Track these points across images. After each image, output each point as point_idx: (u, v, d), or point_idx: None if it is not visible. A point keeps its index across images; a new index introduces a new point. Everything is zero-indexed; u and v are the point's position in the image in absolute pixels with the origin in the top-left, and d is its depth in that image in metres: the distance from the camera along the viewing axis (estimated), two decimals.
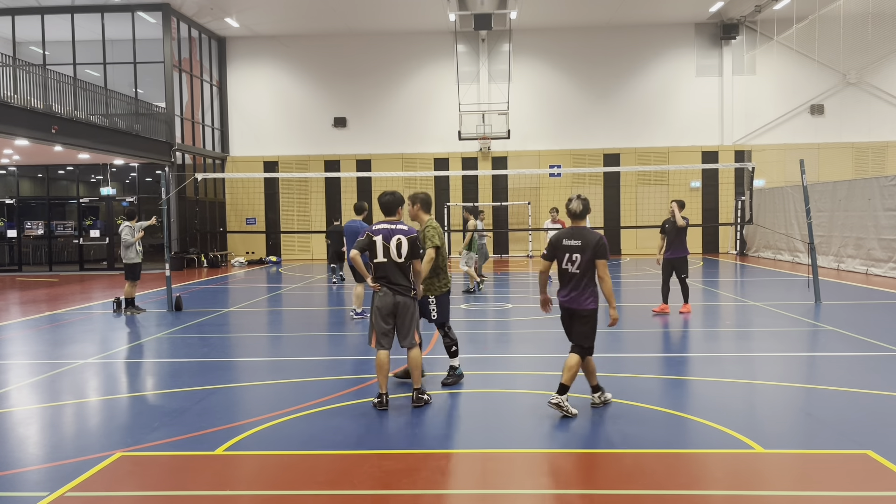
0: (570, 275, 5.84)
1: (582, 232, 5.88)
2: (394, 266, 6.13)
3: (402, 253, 6.11)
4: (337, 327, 11.42)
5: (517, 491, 4.45)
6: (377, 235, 6.14)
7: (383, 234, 6.13)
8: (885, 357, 7.98)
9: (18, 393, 7.14)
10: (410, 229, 6.27)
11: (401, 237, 6.13)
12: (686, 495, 4.30)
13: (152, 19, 24.00)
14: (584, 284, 5.83)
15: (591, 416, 5.92)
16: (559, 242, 5.90)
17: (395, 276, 6.14)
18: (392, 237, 6.12)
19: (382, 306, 6.17)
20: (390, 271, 6.13)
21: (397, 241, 6.11)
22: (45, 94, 18.57)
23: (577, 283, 5.83)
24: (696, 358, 8.18)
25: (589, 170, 19.24)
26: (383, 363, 6.19)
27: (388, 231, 6.15)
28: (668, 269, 11.60)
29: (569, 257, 5.82)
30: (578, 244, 5.79)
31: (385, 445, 5.24)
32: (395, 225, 6.21)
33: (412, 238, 6.17)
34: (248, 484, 4.63)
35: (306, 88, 28.15)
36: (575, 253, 5.79)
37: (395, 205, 6.33)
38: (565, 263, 5.86)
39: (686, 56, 27.40)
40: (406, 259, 6.14)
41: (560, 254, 5.88)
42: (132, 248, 12.78)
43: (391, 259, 6.11)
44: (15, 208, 25.04)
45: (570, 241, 5.83)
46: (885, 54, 26.27)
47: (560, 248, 5.88)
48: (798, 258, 21.51)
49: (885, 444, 5.02)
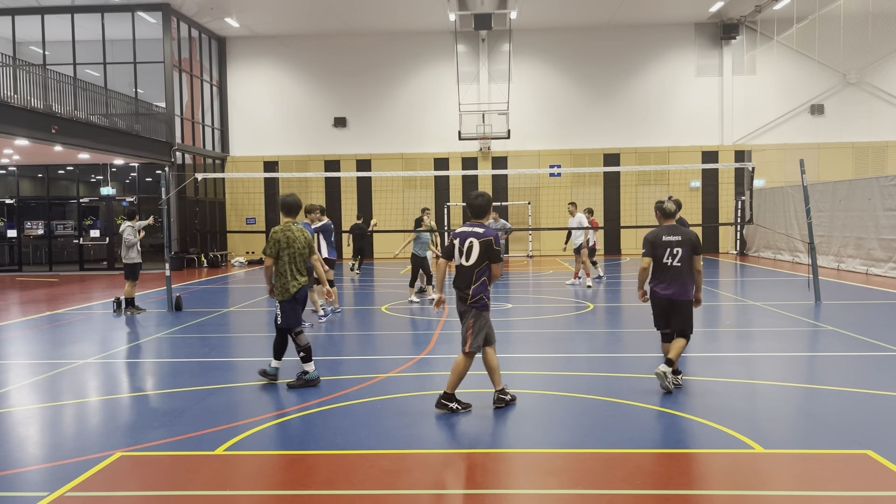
0: (671, 268, 6.35)
1: (678, 229, 6.46)
2: (461, 270, 5.96)
3: (471, 256, 5.87)
4: (337, 327, 11.42)
5: (517, 491, 4.45)
6: (456, 238, 6.01)
7: (460, 236, 5.98)
8: (885, 357, 7.98)
9: (18, 393, 7.14)
10: (488, 231, 5.94)
11: (472, 240, 5.89)
12: (686, 495, 4.30)
13: (152, 19, 24.00)
14: (684, 276, 6.36)
15: (591, 416, 5.93)
16: (658, 240, 6.39)
17: (459, 279, 5.97)
18: (466, 239, 5.92)
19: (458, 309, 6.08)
20: (458, 275, 5.98)
21: (468, 245, 5.89)
22: (45, 94, 18.56)
23: (678, 275, 6.35)
24: (696, 358, 8.18)
25: (589, 170, 19.26)
26: (491, 362, 6.06)
27: (464, 234, 5.96)
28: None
29: (670, 252, 6.33)
30: (679, 240, 6.35)
31: (385, 445, 5.24)
32: (473, 227, 5.97)
33: (485, 241, 5.86)
34: (248, 484, 4.63)
35: (306, 88, 28.15)
36: (676, 248, 6.33)
37: (484, 208, 6.05)
38: (666, 258, 6.34)
39: (686, 56, 27.40)
40: (475, 263, 5.87)
41: (660, 250, 6.36)
42: (133, 248, 12.80)
43: (460, 263, 5.95)
44: (15, 208, 25.04)
45: (669, 238, 6.37)
46: (885, 54, 26.27)
47: (660, 245, 6.37)
48: (798, 258, 21.51)
49: (885, 444, 5.02)
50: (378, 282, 18.70)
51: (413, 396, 6.64)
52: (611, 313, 12.14)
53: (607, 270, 20.07)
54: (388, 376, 7.42)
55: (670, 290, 6.35)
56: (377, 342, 10.01)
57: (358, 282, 18.69)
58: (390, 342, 9.86)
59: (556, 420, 5.80)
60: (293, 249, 6.90)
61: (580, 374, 7.42)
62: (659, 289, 6.42)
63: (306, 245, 7.03)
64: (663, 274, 6.40)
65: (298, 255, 6.95)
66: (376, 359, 8.52)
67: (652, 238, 6.44)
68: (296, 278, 6.92)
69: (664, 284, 6.39)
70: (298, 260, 6.96)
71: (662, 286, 6.40)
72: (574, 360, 8.26)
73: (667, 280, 6.37)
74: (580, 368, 7.78)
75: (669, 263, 6.33)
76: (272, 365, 7.12)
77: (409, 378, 7.39)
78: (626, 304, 13.47)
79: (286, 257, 6.89)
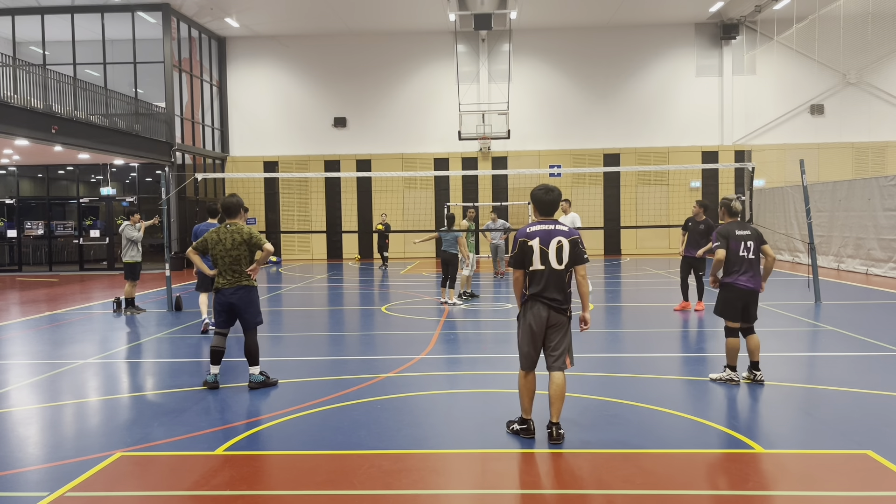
0: (748, 260, 6.68)
1: (747, 224, 6.92)
2: (551, 275, 5.21)
3: (563, 258, 5.22)
4: (337, 327, 11.43)
5: (517, 491, 4.45)
6: (533, 239, 5.23)
7: (540, 236, 5.24)
8: (885, 357, 7.98)
9: (18, 393, 7.14)
10: (571, 229, 5.36)
11: (561, 238, 5.23)
12: (686, 495, 4.30)
13: (152, 19, 24.00)
14: (757, 268, 6.73)
15: (591, 416, 5.93)
16: (732, 233, 6.73)
17: (550, 288, 5.21)
18: (552, 239, 5.23)
19: (536, 322, 5.27)
20: (547, 282, 5.21)
21: (558, 244, 5.22)
22: (45, 94, 18.57)
23: (753, 266, 6.70)
24: (696, 358, 8.18)
25: (589, 170, 19.22)
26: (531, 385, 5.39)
27: (545, 232, 5.25)
28: (686, 267, 11.85)
29: (744, 245, 6.68)
30: (749, 234, 6.73)
31: (385, 445, 5.24)
32: (553, 225, 5.31)
33: (573, 240, 5.26)
34: (248, 484, 4.63)
35: (306, 88, 28.15)
36: (749, 241, 6.70)
37: (557, 203, 5.45)
38: (742, 251, 6.67)
39: (686, 56, 27.41)
40: (567, 266, 5.24)
41: (735, 243, 6.70)
42: (135, 246, 12.78)
43: (549, 266, 5.21)
44: (15, 208, 25.04)
45: (741, 232, 6.73)
46: (885, 54, 26.27)
47: (734, 238, 6.71)
48: (798, 258, 21.51)
49: (885, 444, 5.03)
50: (378, 282, 18.70)
51: (413, 396, 6.64)
52: (611, 313, 12.13)
53: (607, 270, 20.07)
54: (388, 376, 7.42)
55: (752, 282, 6.68)
56: (377, 342, 10.01)
57: (366, 279, 18.67)
58: (390, 342, 9.86)
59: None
60: (216, 251, 7.00)
61: (580, 375, 7.41)
62: (742, 280, 6.67)
63: (234, 247, 6.96)
64: (742, 266, 6.69)
65: (220, 257, 7.00)
66: (376, 359, 8.52)
67: (725, 232, 6.76)
68: (223, 276, 7.04)
69: (747, 276, 6.68)
70: (220, 261, 7.02)
71: (745, 277, 6.68)
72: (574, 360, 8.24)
73: (749, 271, 6.69)
74: (580, 368, 7.78)
75: (746, 256, 6.67)
76: (211, 372, 7.16)
77: (409, 378, 7.38)
78: (626, 305, 13.47)
79: (216, 256, 7.05)
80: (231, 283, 7.00)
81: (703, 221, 11.63)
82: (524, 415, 5.39)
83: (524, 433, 5.34)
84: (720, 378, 6.92)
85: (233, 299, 7.02)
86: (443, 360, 8.21)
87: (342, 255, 28.50)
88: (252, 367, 7.12)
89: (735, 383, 6.82)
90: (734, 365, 6.84)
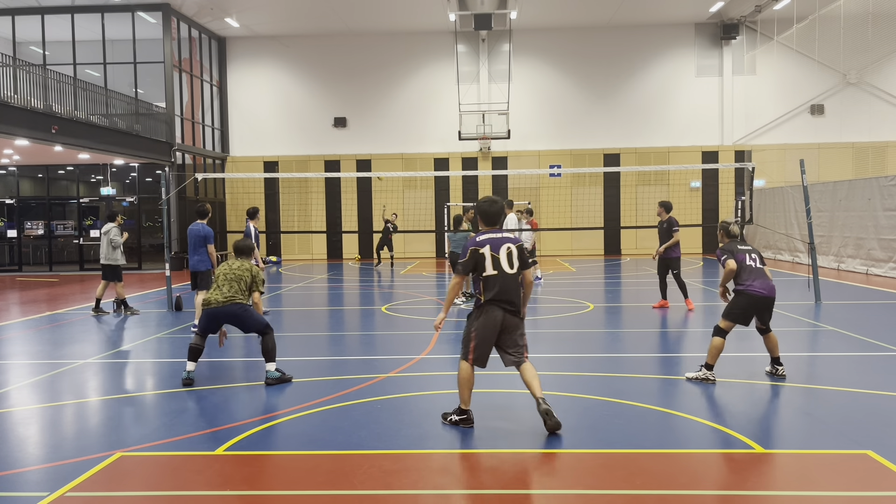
0: (757, 269, 7.00)
1: (745, 241, 7.41)
2: (504, 280, 5.50)
3: (513, 263, 5.54)
4: (337, 327, 11.43)
5: (517, 491, 4.45)
6: (484, 246, 5.54)
7: (490, 243, 5.54)
8: (885, 357, 7.99)
9: (18, 393, 7.14)
10: (516, 237, 5.74)
11: (510, 245, 5.57)
12: (686, 495, 4.30)
13: (152, 19, 24.00)
14: (765, 276, 7.02)
15: (591, 416, 5.93)
16: (735, 248, 7.14)
17: (504, 291, 5.49)
18: (502, 245, 5.55)
19: (490, 324, 5.53)
20: (501, 286, 5.49)
21: (507, 251, 5.54)
22: (45, 94, 18.57)
23: (762, 274, 7.00)
24: (696, 358, 8.17)
25: (589, 170, 19.24)
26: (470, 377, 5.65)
27: (495, 240, 5.57)
28: (662, 268, 12.12)
29: (750, 256, 7.06)
30: (751, 248, 7.20)
31: (385, 445, 5.24)
32: (500, 234, 5.64)
33: (521, 245, 5.65)
34: (248, 484, 4.63)
35: (306, 88, 28.15)
36: (752, 253, 7.12)
37: (501, 214, 5.79)
38: (748, 261, 7.01)
39: (686, 56, 27.41)
40: (518, 269, 5.56)
41: (740, 255, 7.06)
42: (118, 250, 12.88)
43: (502, 271, 5.50)
44: (15, 208, 25.04)
45: (744, 247, 7.17)
46: (885, 54, 26.27)
47: (738, 252, 7.09)
48: (798, 258, 21.51)
49: (885, 444, 5.02)
50: (378, 281, 18.70)
51: (413, 396, 6.64)
52: (610, 313, 12.13)
53: (607, 270, 20.07)
54: (388, 376, 7.42)
55: (766, 289, 6.92)
56: (377, 342, 10.01)
57: (367, 278, 18.68)
58: (390, 342, 9.86)
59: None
60: (221, 270, 7.39)
61: (580, 374, 7.42)
62: (756, 286, 6.91)
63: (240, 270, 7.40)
64: (752, 274, 6.95)
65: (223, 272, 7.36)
66: (376, 359, 8.52)
67: (728, 248, 7.16)
68: (220, 289, 7.27)
69: (760, 282, 6.92)
70: (222, 276, 7.36)
71: (759, 283, 6.92)
72: (574, 360, 8.26)
73: (760, 279, 6.93)
74: (580, 368, 7.79)
75: (753, 266, 6.99)
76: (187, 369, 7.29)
77: (409, 378, 7.38)
78: (626, 305, 13.47)
79: (219, 273, 7.43)
80: (227, 300, 7.17)
81: (666, 220, 11.91)
82: (463, 405, 5.65)
83: (464, 423, 5.62)
84: (696, 377, 6.96)
85: (224, 311, 7.17)
86: (443, 360, 8.21)
87: (342, 255, 28.50)
88: (268, 363, 7.21)
89: (711, 382, 6.85)
90: (712, 364, 6.91)
